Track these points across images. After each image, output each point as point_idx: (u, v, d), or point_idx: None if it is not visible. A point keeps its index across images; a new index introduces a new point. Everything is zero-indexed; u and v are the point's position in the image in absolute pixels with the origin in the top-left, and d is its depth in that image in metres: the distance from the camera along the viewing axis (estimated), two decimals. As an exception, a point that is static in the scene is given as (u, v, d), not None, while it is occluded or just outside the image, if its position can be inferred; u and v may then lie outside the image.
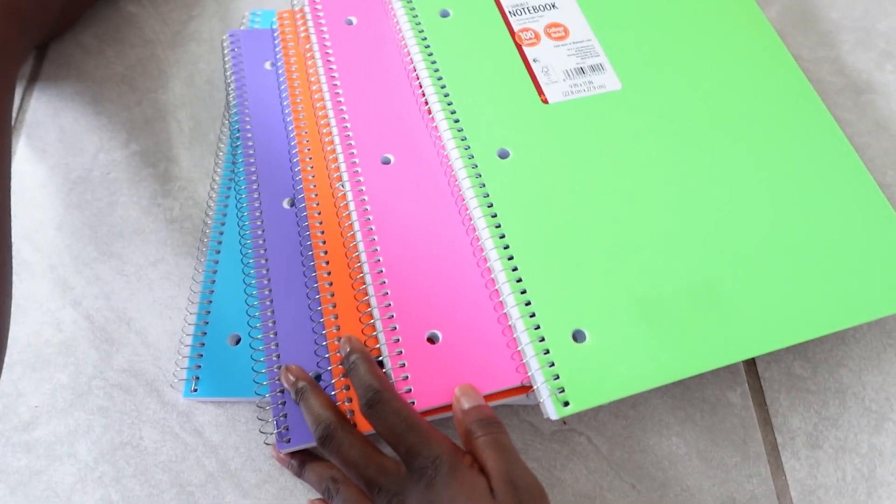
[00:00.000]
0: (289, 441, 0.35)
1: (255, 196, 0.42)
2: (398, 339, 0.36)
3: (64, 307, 0.42)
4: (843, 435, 0.39)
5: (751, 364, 0.41)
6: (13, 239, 0.36)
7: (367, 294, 0.37)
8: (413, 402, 0.34)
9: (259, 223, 0.41)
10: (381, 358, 0.36)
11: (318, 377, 0.37)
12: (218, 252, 0.42)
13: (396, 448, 0.32)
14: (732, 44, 0.45)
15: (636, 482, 0.38)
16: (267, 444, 0.38)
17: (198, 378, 0.39)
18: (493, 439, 0.31)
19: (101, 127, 0.49)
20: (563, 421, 0.39)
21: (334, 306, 0.37)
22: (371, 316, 0.37)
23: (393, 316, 0.36)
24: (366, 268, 0.37)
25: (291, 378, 0.36)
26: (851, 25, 0.54)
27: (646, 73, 0.43)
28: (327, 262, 0.39)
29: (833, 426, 0.39)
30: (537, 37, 0.44)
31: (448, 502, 0.29)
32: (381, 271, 0.37)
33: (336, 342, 0.36)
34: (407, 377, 0.35)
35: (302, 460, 0.36)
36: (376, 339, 0.36)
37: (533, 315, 0.35)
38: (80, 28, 0.53)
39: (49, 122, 0.49)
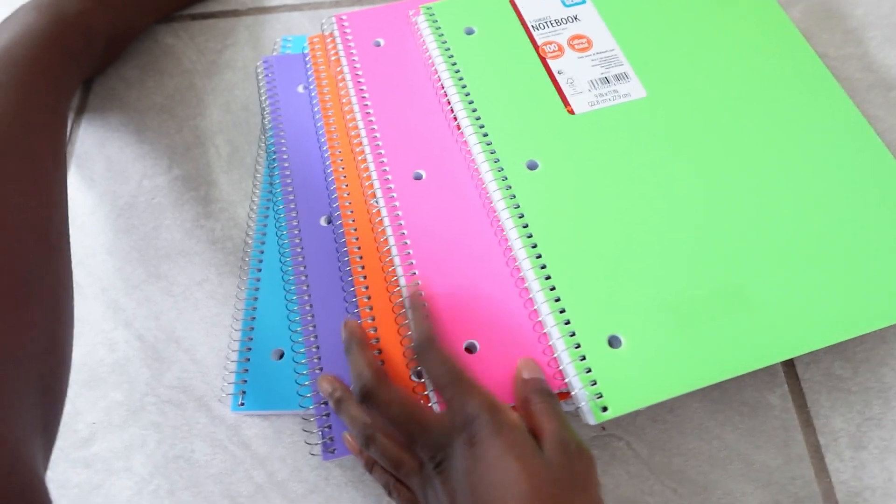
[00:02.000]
0: (333, 451, 0.37)
1: (293, 215, 0.44)
2: (436, 350, 0.36)
3: (116, 328, 0.45)
4: (889, 435, 0.38)
5: (789, 365, 0.41)
6: (69, 264, 0.38)
7: (404, 306, 0.38)
8: None
9: (298, 241, 0.43)
10: (419, 368, 0.37)
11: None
12: (259, 270, 0.44)
13: (443, 396, 0.33)
14: (756, 46, 0.45)
15: (677, 486, 0.38)
16: (312, 454, 0.39)
17: (244, 392, 0.40)
18: (548, 406, 0.32)
19: (145, 155, 0.52)
20: (602, 426, 0.39)
21: (373, 319, 0.39)
22: (409, 328, 0.38)
23: (430, 327, 0.37)
24: (402, 281, 0.38)
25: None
26: (878, 21, 0.54)
27: (670, 79, 0.43)
28: (365, 277, 0.40)
29: (877, 426, 0.39)
30: (561, 49, 0.45)
31: (495, 459, 0.29)
32: (418, 283, 0.38)
33: (376, 354, 0.37)
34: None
35: (339, 400, 0.36)
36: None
37: (568, 322, 0.35)
38: (121, 62, 0.56)
39: (96, 152, 0.52)
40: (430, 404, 0.35)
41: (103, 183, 0.51)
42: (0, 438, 0.25)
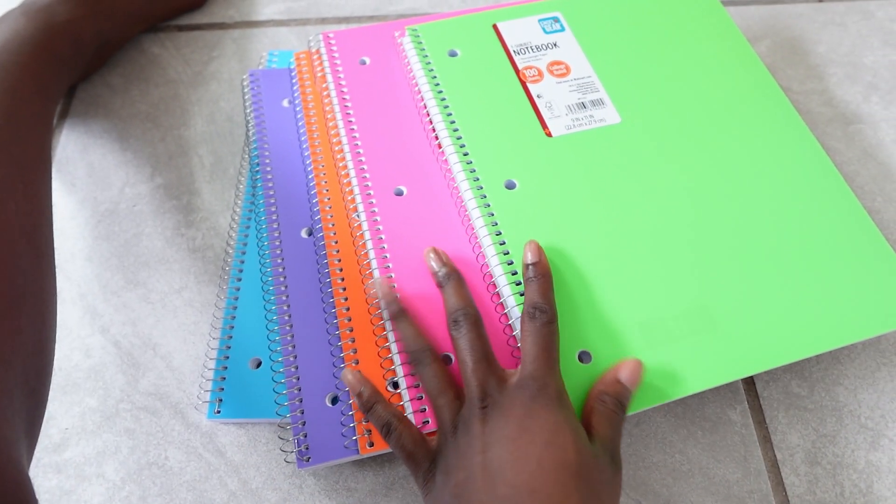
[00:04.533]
0: (308, 460, 0.37)
1: (275, 226, 0.44)
2: (413, 361, 0.37)
3: (93, 334, 0.45)
4: (841, 451, 0.40)
5: (750, 383, 0.43)
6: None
7: (382, 318, 0.39)
8: (427, 422, 0.36)
9: (279, 252, 0.43)
10: (396, 379, 0.38)
11: (335, 399, 0.39)
12: (239, 280, 0.44)
13: (527, 350, 0.34)
14: (724, 79, 0.48)
15: (641, 498, 0.39)
16: (287, 462, 0.40)
17: (221, 400, 0.41)
18: (617, 416, 0.34)
19: (127, 162, 0.52)
20: (571, 439, 0.41)
21: (351, 330, 0.39)
22: (387, 339, 0.39)
23: (407, 339, 0.38)
24: (381, 292, 0.39)
25: (435, 265, 0.38)
26: (839, 59, 0.57)
27: (643, 107, 0.46)
28: (344, 289, 0.41)
29: (831, 443, 0.41)
30: (540, 74, 0.47)
31: (551, 424, 0.30)
32: (396, 297, 0.39)
33: (353, 364, 0.38)
34: (421, 397, 0.36)
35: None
36: (392, 360, 0.38)
37: (540, 337, 0.37)
38: (106, 69, 0.56)
39: (78, 158, 0.52)
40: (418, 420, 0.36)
41: (84, 189, 0.51)
42: None
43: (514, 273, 0.38)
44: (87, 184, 0.51)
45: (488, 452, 0.30)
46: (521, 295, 0.38)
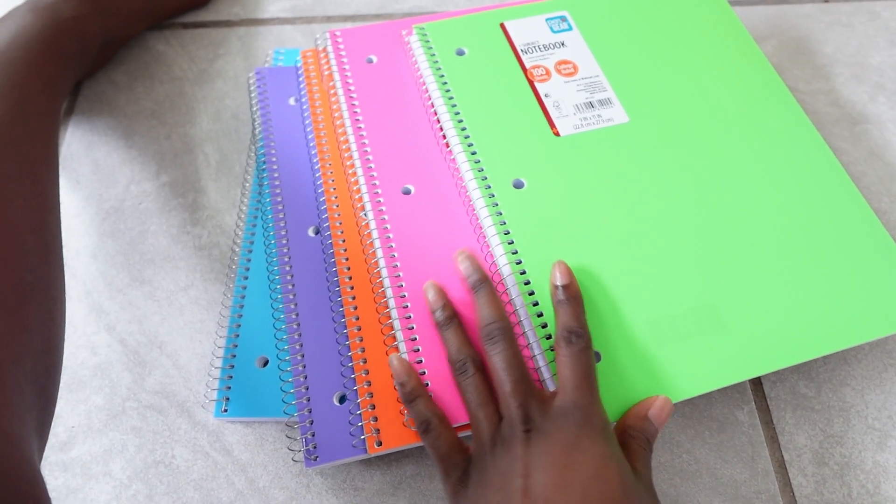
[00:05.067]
0: (316, 459, 0.37)
1: (282, 224, 0.44)
2: (421, 360, 0.37)
3: (99, 332, 0.44)
4: (848, 452, 0.40)
5: (757, 384, 0.42)
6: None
7: (390, 317, 0.39)
8: None
9: (286, 250, 0.43)
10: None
11: (342, 398, 0.39)
12: (246, 278, 0.44)
13: (566, 379, 0.34)
14: (732, 79, 0.48)
15: (649, 498, 0.39)
16: (295, 461, 0.40)
17: (228, 399, 0.41)
18: (647, 452, 0.34)
19: (133, 159, 0.52)
20: (578, 439, 0.41)
21: (359, 329, 0.39)
22: (395, 339, 0.39)
23: (416, 339, 0.38)
24: (389, 292, 0.39)
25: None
26: (846, 60, 0.57)
27: (651, 107, 0.45)
28: (352, 287, 0.41)
29: (838, 443, 0.41)
30: (548, 73, 0.47)
31: (598, 456, 0.30)
32: (405, 296, 0.39)
33: (361, 363, 0.38)
34: (431, 396, 0.36)
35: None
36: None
37: (549, 337, 0.37)
38: (112, 66, 0.56)
39: (83, 155, 0.52)
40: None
41: (89, 186, 0.51)
42: (6, 437, 0.25)
43: (523, 273, 0.38)
44: (92, 181, 0.51)
45: (530, 478, 0.30)
46: (531, 295, 0.38)
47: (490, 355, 0.35)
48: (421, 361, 0.37)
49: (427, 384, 0.37)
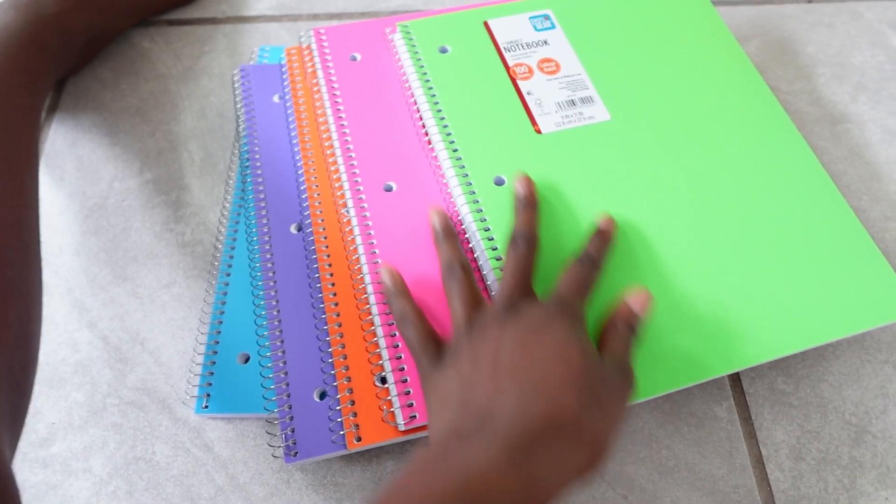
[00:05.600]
0: (296, 454, 0.37)
1: (264, 221, 0.44)
2: (400, 357, 0.38)
3: (80, 328, 0.44)
4: (825, 447, 0.41)
5: (736, 379, 0.43)
6: (37, 262, 0.38)
7: (370, 314, 0.39)
8: (415, 416, 0.36)
9: (268, 247, 0.43)
10: (384, 374, 0.38)
11: (323, 394, 0.39)
12: (228, 275, 0.44)
13: (564, 278, 0.36)
14: (713, 77, 0.48)
15: (627, 493, 0.39)
16: (275, 456, 0.40)
17: (209, 395, 0.41)
18: (627, 338, 0.35)
19: (116, 157, 0.52)
20: (558, 435, 0.41)
21: (340, 325, 0.39)
22: (375, 334, 0.39)
23: (396, 335, 0.38)
24: (370, 289, 0.39)
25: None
26: (827, 60, 0.57)
27: (633, 105, 0.46)
28: (333, 284, 0.41)
29: (815, 439, 0.41)
30: (531, 71, 0.47)
31: (565, 335, 0.32)
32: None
33: (341, 360, 0.38)
34: (409, 392, 0.37)
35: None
36: (380, 356, 0.38)
37: (528, 332, 0.37)
38: (97, 63, 0.56)
39: (67, 152, 0.52)
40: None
41: (73, 183, 0.51)
42: None
43: (503, 269, 0.38)
44: (76, 178, 0.51)
45: (500, 351, 0.32)
46: (510, 291, 0.38)
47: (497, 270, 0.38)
48: (401, 357, 0.38)
49: (406, 380, 0.37)
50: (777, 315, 0.39)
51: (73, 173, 0.51)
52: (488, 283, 0.39)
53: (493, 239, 0.39)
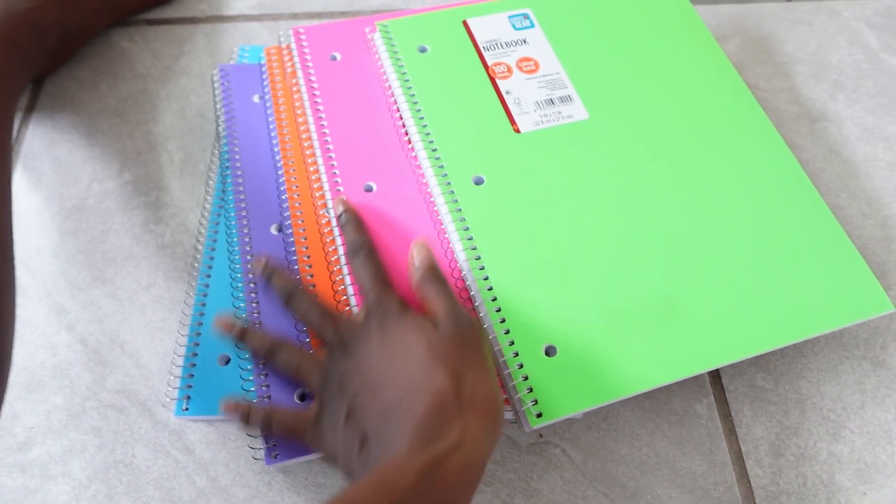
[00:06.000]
0: (276, 456, 0.37)
1: (245, 222, 0.44)
2: (380, 357, 0.37)
3: (59, 331, 0.44)
4: (804, 443, 0.41)
5: (716, 376, 0.43)
6: (12, 266, 0.37)
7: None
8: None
9: (248, 248, 0.43)
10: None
11: (303, 396, 0.39)
12: (208, 276, 0.44)
13: (364, 294, 0.38)
14: (692, 76, 0.48)
15: (608, 491, 0.39)
16: (256, 459, 0.40)
17: (189, 397, 0.41)
18: (439, 289, 0.37)
19: (95, 158, 0.51)
20: (539, 434, 0.41)
21: (320, 326, 0.39)
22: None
23: (375, 335, 0.38)
24: (350, 290, 0.39)
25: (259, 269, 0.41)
26: (806, 58, 0.58)
27: (611, 103, 0.46)
28: (314, 286, 0.41)
29: (794, 435, 0.41)
30: (510, 70, 0.47)
31: (399, 335, 0.34)
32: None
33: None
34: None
35: (242, 332, 0.40)
36: (360, 356, 0.38)
37: (508, 332, 0.37)
38: (75, 63, 0.56)
39: (44, 153, 0.51)
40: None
41: (51, 184, 0.50)
42: None
43: (482, 268, 0.39)
44: (54, 179, 0.50)
45: (365, 375, 0.34)
46: (489, 290, 0.38)
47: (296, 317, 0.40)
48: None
49: None
50: (756, 312, 0.39)
51: (51, 174, 0.50)
52: (468, 283, 0.39)
53: (472, 238, 0.39)
